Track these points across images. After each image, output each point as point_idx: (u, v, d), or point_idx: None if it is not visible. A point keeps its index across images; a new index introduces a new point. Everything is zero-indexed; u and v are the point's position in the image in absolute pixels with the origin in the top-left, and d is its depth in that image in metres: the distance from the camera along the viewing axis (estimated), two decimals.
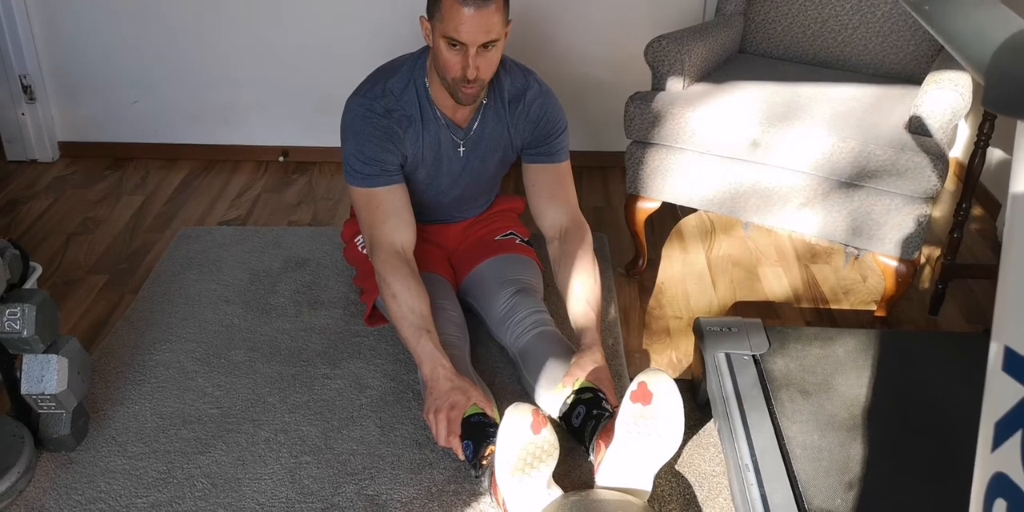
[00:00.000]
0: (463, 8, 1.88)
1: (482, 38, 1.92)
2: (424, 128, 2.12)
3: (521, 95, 2.18)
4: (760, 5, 2.75)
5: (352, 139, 2.10)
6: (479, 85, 2.01)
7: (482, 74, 1.99)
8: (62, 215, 2.98)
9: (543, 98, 2.21)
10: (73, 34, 3.19)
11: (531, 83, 2.20)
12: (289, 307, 2.47)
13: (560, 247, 2.22)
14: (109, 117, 3.34)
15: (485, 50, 1.95)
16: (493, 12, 1.91)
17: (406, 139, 2.11)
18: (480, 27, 1.90)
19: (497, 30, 1.94)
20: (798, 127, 2.25)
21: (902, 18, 2.56)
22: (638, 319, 2.47)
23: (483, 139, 2.21)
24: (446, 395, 1.91)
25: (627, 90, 2.55)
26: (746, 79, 2.52)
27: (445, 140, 2.17)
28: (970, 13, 1.03)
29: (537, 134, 2.22)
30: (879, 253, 2.30)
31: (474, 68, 1.95)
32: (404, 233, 2.12)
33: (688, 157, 2.42)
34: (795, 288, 2.61)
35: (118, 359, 2.25)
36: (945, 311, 2.50)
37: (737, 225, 2.91)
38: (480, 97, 2.09)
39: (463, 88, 2.00)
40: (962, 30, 1.02)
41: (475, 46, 1.93)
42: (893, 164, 2.15)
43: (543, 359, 2.07)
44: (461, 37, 1.91)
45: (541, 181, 2.26)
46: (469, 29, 1.90)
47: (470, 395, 1.91)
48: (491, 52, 1.97)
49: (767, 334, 2.06)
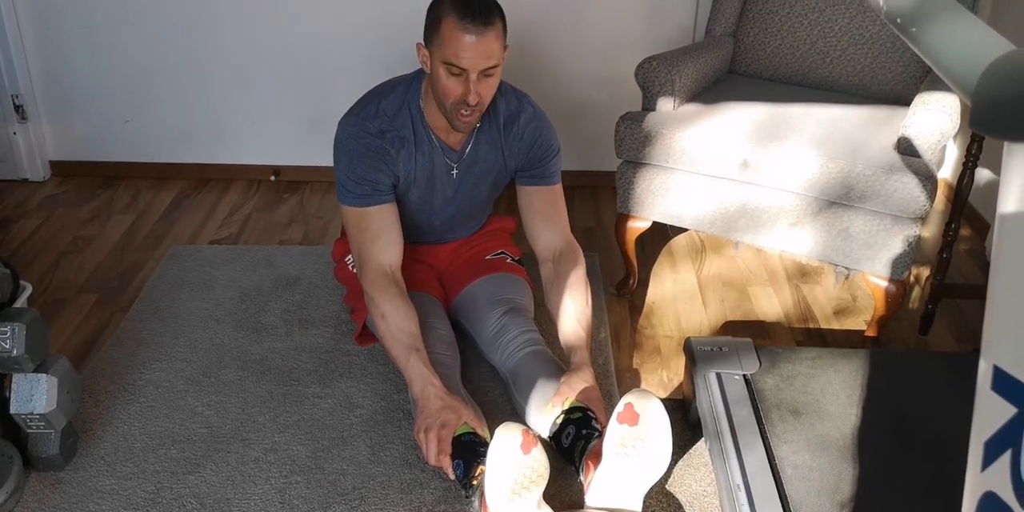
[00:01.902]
0: (464, 35, 1.88)
1: (483, 64, 1.93)
2: (417, 150, 2.13)
3: (515, 118, 2.19)
4: (749, 26, 2.77)
5: (345, 159, 2.11)
6: (478, 111, 2.01)
7: (483, 99, 1.99)
8: (52, 234, 2.97)
9: (537, 121, 2.22)
10: (65, 54, 3.20)
11: (525, 106, 2.21)
12: (280, 326, 2.46)
13: (553, 268, 2.23)
14: (101, 136, 3.34)
15: (485, 76, 1.96)
16: (493, 39, 1.92)
17: (399, 160, 2.12)
18: (481, 54, 1.91)
19: (497, 56, 1.95)
20: (788, 147, 2.27)
21: (890, 40, 2.58)
22: (629, 338, 2.48)
23: (476, 162, 2.21)
24: (437, 414, 1.91)
25: (618, 110, 2.56)
26: (736, 99, 2.54)
27: (439, 163, 2.17)
28: (957, 35, 1.04)
29: (531, 157, 2.23)
30: (869, 273, 2.31)
31: (475, 94, 1.95)
32: (392, 253, 2.12)
33: (678, 177, 2.43)
34: (786, 308, 2.62)
35: (108, 378, 2.25)
36: (935, 331, 2.51)
37: (727, 245, 2.92)
38: (475, 124, 2.11)
39: (461, 114, 2.01)
40: (949, 52, 1.04)
41: (476, 72, 1.93)
42: (882, 184, 2.16)
43: (533, 379, 2.07)
44: (462, 63, 1.92)
45: (535, 203, 2.27)
46: (470, 56, 1.91)
47: (460, 413, 1.91)
48: (492, 78, 1.98)
49: (758, 354, 2.06)
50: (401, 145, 2.11)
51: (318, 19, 3.12)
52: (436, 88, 2.00)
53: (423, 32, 1.99)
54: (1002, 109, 0.89)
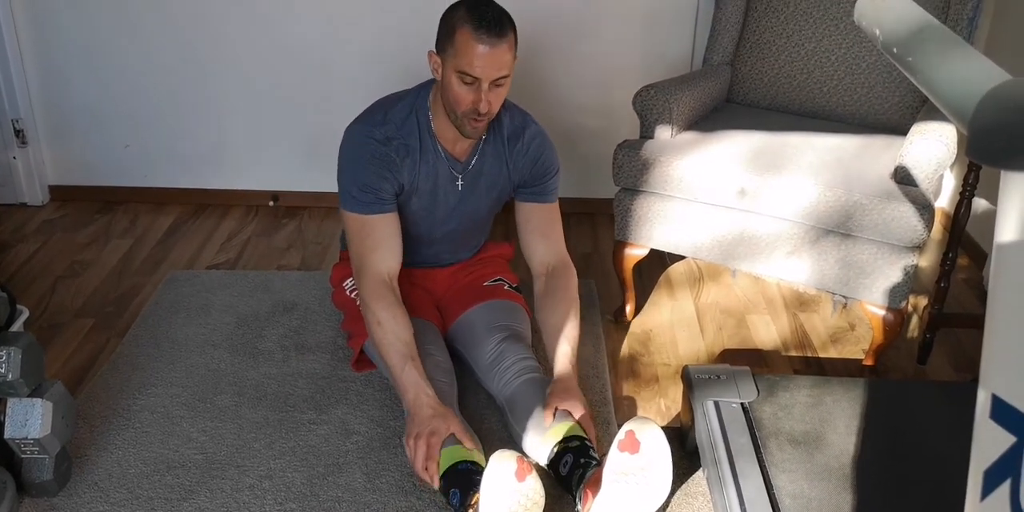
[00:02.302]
0: (478, 45, 1.93)
1: (495, 74, 1.97)
2: (422, 158, 2.15)
3: (520, 133, 2.23)
4: (747, 56, 2.79)
5: (350, 166, 2.13)
6: (488, 119, 2.06)
7: (493, 108, 2.04)
8: (50, 258, 2.97)
9: (540, 138, 2.27)
10: (66, 79, 3.21)
11: (529, 123, 2.26)
12: (276, 352, 2.46)
13: (547, 283, 2.27)
14: (100, 161, 3.35)
15: (496, 86, 2.01)
16: (506, 50, 1.97)
17: (403, 168, 2.14)
18: (494, 63, 1.96)
19: (509, 66, 2.00)
20: (785, 176, 2.27)
21: (887, 70, 2.60)
22: (626, 366, 2.47)
23: (482, 174, 2.24)
24: (427, 422, 1.94)
25: (616, 137, 2.57)
26: (733, 128, 2.55)
27: (443, 173, 2.19)
28: (953, 65, 1.05)
29: (534, 173, 2.27)
30: (867, 302, 2.31)
31: (487, 103, 2.00)
32: (392, 262, 2.15)
33: (676, 205, 2.44)
34: (783, 336, 2.61)
35: (103, 403, 2.23)
36: (933, 360, 2.50)
37: (725, 272, 2.92)
38: (484, 132, 2.15)
39: (472, 122, 2.05)
40: (946, 82, 1.04)
41: (488, 81, 1.98)
42: (879, 213, 2.17)
43: (530, 407, 2.06)
44: (475, 72, 1.96)
45: (534, 220, 2.31)
46: (483, 64, 1.95)
47: (450, 423, 1.94)
48: (502, 88, 2.03)
49: (756, 382, 2.05)
50: (406, 153, 2.13)
51: (317, 47, 3.14)
52: (447, 96, 2.04)
53: (436, 40, 2.04)
54: (999, 138, 0.90)
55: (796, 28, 2.69)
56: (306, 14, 3.10)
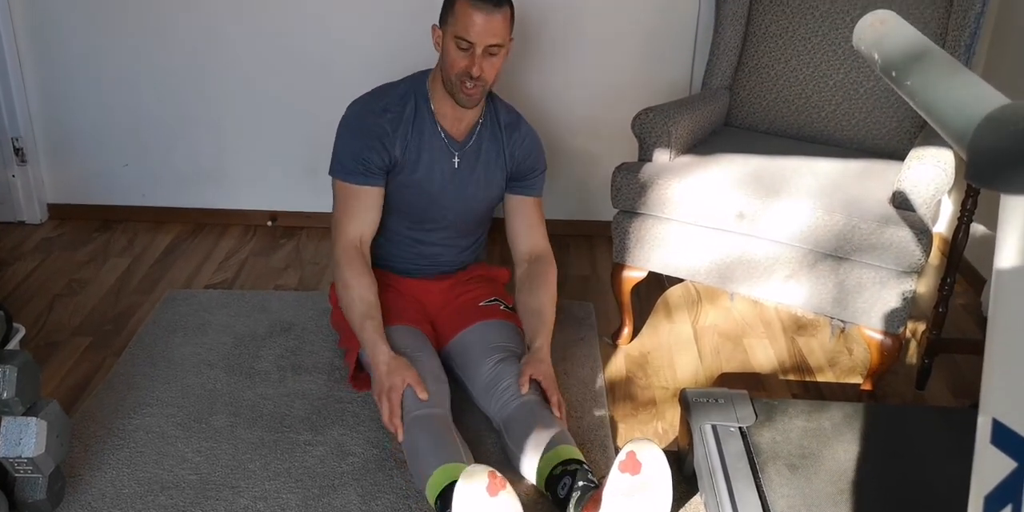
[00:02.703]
0: (475, 12, 2.12)
1: (489, 40, 2.15)
2: (416, 129, 2.28)
3: (516, 126, 2.41)
4: (745, 80, 2.80)
5: (344, 135, 2.30)
6: (481, 87, 2.21)
7: (485, 75, 2.19)
8: (48, 277, 2.97)
9: (533, 136, 2.46)
10: (66, 98, 3.22)
11: (522, 121, 2.45)
12: (273, 372, 2.45)
13: (528, 269, 2.45)
14: (99, 180, 3.35)
15: (489, 54, 2.17)
16: (500, 20, 2.15)
17: (396, 138, 2.26)
18: (488, 29, 2.14)
19: (502, 36, 2.17)
20: (783, 200, 2.28)
21: (885, 94, 2.61)
22: (624, 388, 2.46)
23: (479, 155, 2.37)
24: (385, 379, 2.10)
25: (614, 160, 2.58)
26: (732, 152, 2.56)
27: (439, 147, 2.31)
28: (952, 89, 1.05)
29: (525, 166, 2.43)
30: (865, 326, 2.31)
31: (479, 67, 2.16)
32: (367, 230, 2.31)
33: (674, 227, 2.44)
34: (781, 360, 2.61)
35: (98, 423, 2.22)
36: (932, 385, 2.50)
37: (723, 295, 2.92)
38: (477, 103, 2.27)
39: (465, 87, 2.20)
40: (945, 105, 1.05)
41: (482, 47, 2.15)
42: (878, 238, 2.17)
43: (528, 429, 2.05)
44: (471, 37, 2.14)
45: (522, 211, 2.46)
46: (479, 31, 2.13)
47: (405, 376, 2.09)
48: (496, 58, 2.20)
49: (754, 406, 2.05)
50: (400, 123, 2.27)
51: (318, 67, 3.16)
52: (445, 63, 2.21)
53: (439, 16, 2.23)
54: (998, 161, 0.90)
55: (794, 53, 2.70)
56: (308, 34, 3.12)
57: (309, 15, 3.09)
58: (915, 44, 1.20)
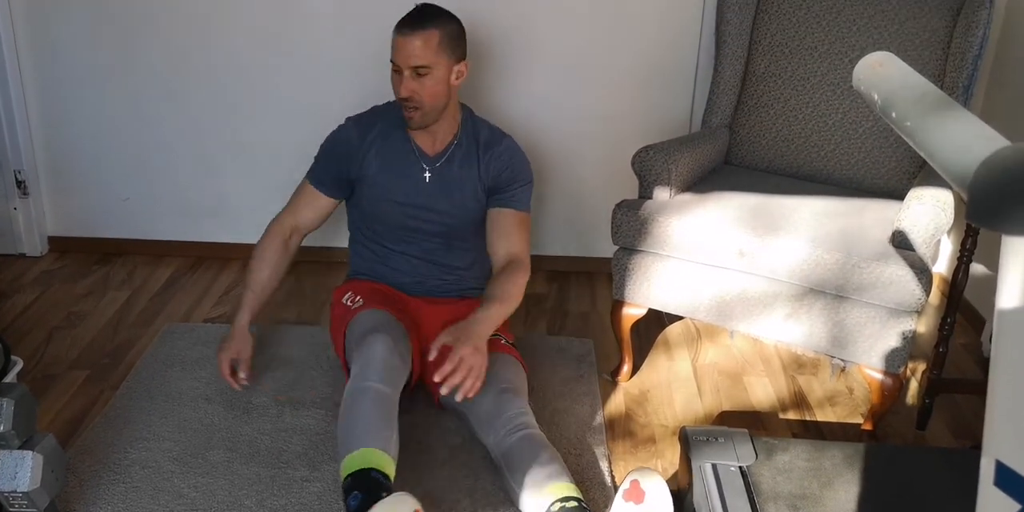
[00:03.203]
0: (398, 36, 2.27)
1: (411, 61, 2.26)
2: (387, 142, 2.44)
3: (496, 143, 2.48)
4: (745, 118, 2.82)
5: (325, 142, 2.52)
6: (419, 109, 2.32)
7: (416, 96, 2.29)
8: (47, 309, 2.97)
9: (513, 150, 2.50)
10: (69, 131, 3.24)
11: (507, 141, 2.51)
12: (270, 407, 2.44)
13: (502, 269, 2.41)
14: (100, 213, 3.36)
15: (419, 76, 2.27)
16: (422, 42, 2.24)
17: (364, 149, 2.44)
18: (409, 51, 2.25)
19: (426, 58, 2.26)
20: (783, 238, 2.28)
21: (884, 134, 2.63)
22: (623, 426, 2.45)
23: (451, 172, 2.45)
24: (224, 344, 2.44)
25: (614, 197, 2.59)
26: (732, 190, 2.57)
27: (410, 158, 2.44)
28: (952, 130, 1.06)
29: (504, 178, 2.46)
30: (865, 365, 2.30)
31: (406, 88, 2.28)
32: (299, 224, 2.54)
33: (674, 265, 2.44)
34: (781, 398, 2.60)
35: (94, 457, 2.21)
36: (932, 426, 2.48)
37: (723, 333, 2.92)
38: (421, 125, 2.37)
39: (406, 110, 2.33)
40: (945, 146, 1.06)
41: (407, 69, 2.27)
42: (878, 277, 2.17)
43: (527, 464, 2.04)
44: (396, 59, 2.29)
45: (501, 222, 2.47)
46: (399, 53, 2.27)
47: (237, 350, 2.42)
48: (426, 79, 2.28)
49: (754, 445, 2.04)
50: (369, 135, 2.44)
51: (318, 102, 3.18)
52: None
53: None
54: (999, 202, 0.91)
55: (794, 92, 2.73)
56: (307, 71, 3.15)
57: (315, 52, 3.12)
58: (914, 85, 1.21)
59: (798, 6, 2.73)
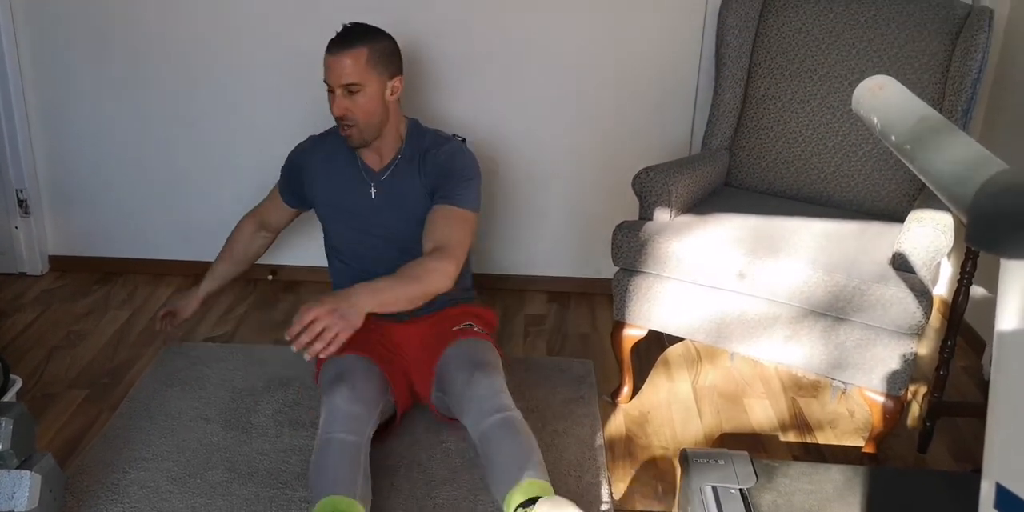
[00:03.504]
0: (328, 57, 2.31)
1: (341, 80, 2.30)
2: (333, 161, 2.50)
3: (436, 147, 2.45)
4: (745, 141, 2.83)
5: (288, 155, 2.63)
6: (355, 127, 2.35)
7: (350, 114, 2.33)
8: (47, 328, 2.96)
9: (452, 150, 2.46)
10: (71, 152, 3.26)
11: (449, 143, 2.47)
12: (270, 427, 2.43)
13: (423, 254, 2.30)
14: (101, 232, 3.37)
15: (351, 94, 2.31)
16: (350, 59, 2.28)
17: (311, 168, 2.54)
18: (338, 70, 2.29)
19: (356, 75, 2.29)
20: (783, 260, 2.29)
21: (884, 157, 2.64)
22: (623, 448, 2.44)
23: (396, 185, 2.45)
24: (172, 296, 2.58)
25: (615, 218, 2.59)
26: (732, 211, 2.58)
27: (355, 175, 2.48)
28: (951, 154, 1.07)
29: (442, 175, 2.41)
30: (866, 388, 2.30)
31: (339, 107, 2.32)
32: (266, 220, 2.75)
33: (674, 286, 2.44)
34: (782, 420, 2.59)
35: (92, 477, 2.20)
36: (933, 449, 2.48)
37: (723, 354, 2.91)
38: (361, 144, 2.40)
39: (343, 129, 2.37)
40: (944, 170, 1.06)
41: (337, 88, 2.31)
42: (878, 299, 2.17)
43: (500, 453, 2.07)
44: (328, 79, 2.32)
45: (433, 217, 2.37)
46: (330, 73, 2.31)
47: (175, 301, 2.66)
48: (358, 97, 2.31)
49: (754, 467, 2.03)
50: (317, 154, 2.54)
51: (324, 122, 3.19)
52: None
53: None
54: (998, 226, 0.91)
55: (793, 115, 2.74)
56: (304, 91, 3.16)
57: (313, 78, 3.13)
58: (914, 109, 1.22)
59: (798, 29, 2.75)
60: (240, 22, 3.09)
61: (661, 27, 3.05)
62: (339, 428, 2.11)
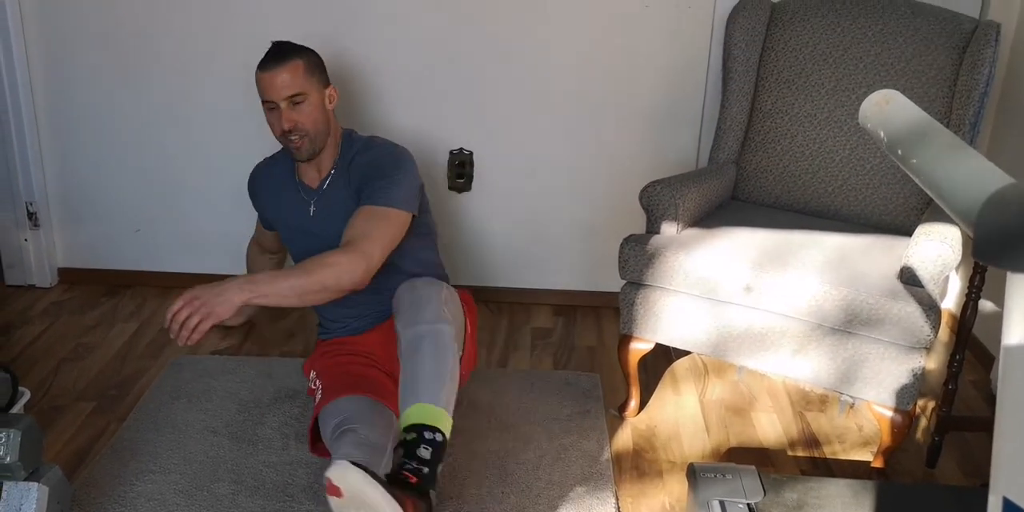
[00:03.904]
0: (263, 75, 2.35)
1: (284, 92, 2.33)
2: (274, 183, 2.59)
3: (362, 153, 2.47)
4: (752, 154, 2.84)
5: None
6: (305, 137, 2.38)
7: (301, 125, 2.36)
8: (55, 340, 2.97)
9: (379, 152, 2.47)
10: (81, 165, 3.28)
11: (381, 147, 2.49)
12: (276, 439, 2.43)
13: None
14: (109, 245, 3.38)
15: (296, 105, 2.35)
16: (288, 72, 2.33)
17: (260, 193, 2.65)
18: (278, 84, 2.33)
19: (297, 86, 2.34)
20: (790, 273, 2.28)
21: (891, 170, 2.64)
22: (630, 461, 2.44)
23: (332, 199, 2.47)
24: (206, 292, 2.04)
25: (622, 231, 2.59)
26: (739, 225, 2.58)
27: (296, 198, 2.53)
28: (957, 168, 1.07)
29: (363, 180, 2.40)
30: (874, 402, 2.29)
31: (287, 120, 2.34)
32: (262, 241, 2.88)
33: (681, 299, 2.44)
34: (789, 435, 2.58)
35: (99, 489, 2.20)
36: (942, 464, 2.46)
37: (730, 368, 2.91)
38: (311, 154, 2.42)
39: (291, 142, 2.39)
40: (950, 184, 1.06)
41: (282, 101, 2.34)
42: (886, 313, 2.17)
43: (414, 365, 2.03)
44: (268, 96, 2.35)
45: (354, 217, 2.32)
46: (270, 88, 2.34)
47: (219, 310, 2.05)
48: (304, 106, 2.36)
49: (762, 482, 2.02)
50: (261, 179, 2.64)
51: None
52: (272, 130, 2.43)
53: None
54: (1004, 240, 0.91)
55: (800, 129, 2.74)
56: None
57: None
58: (920, 123, 1.22)
59: (805, 43, 2.75)
60: (248, 41, 3.10)
61: (668, 41, 3.06)
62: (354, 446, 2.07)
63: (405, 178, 2.39)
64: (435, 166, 3.18)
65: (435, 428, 1.94)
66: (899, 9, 2.69)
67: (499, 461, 2.37)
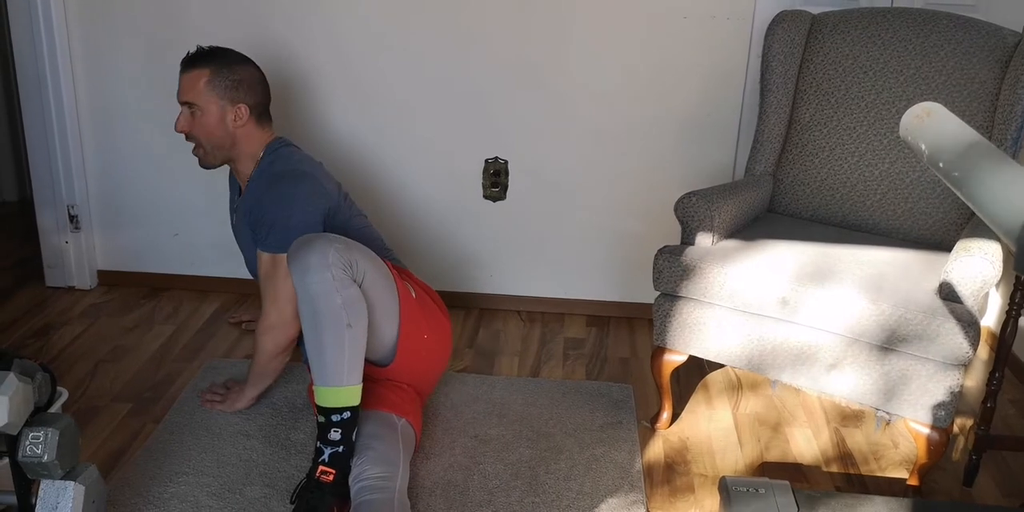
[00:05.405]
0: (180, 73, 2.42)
1: (182, 96, 2.43)
2: (233, 181, 2.66)
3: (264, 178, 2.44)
4: (789, 167, 2.82)
5: None
6: (199, 147, 2.47)
7: (192, 133, 2.45)
8: (93, 342, 3.01)
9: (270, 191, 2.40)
10: (121, 169, 3.32)
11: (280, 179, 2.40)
12: (309, 443, 2.44)
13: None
14: (149, 248, 3.42)
15: (190, 112, 2.43)
16: (190, 79, 2.41)
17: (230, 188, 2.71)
18: (180, 86, 2.43)
19: (191, 95, 2.41)
20: (828, 288, 2.27)
21: (931, 185, 2.61)
22: (662, 474, 2.42)
23: (242, 215, 2.53)
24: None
25: (657, 242, 2.59)
26: (775, 238, 2.56)
27: (234, 198, 2.65)
28: (1001, 182, 1.06)
29: (255, 220, 2.43)
30: (911, 419, 2.26)
31: (179, 124, 2.44)
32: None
33: (717, 312, 2.43)
34: (824, 451, 2.56)
35: (133, 490, 2.22)
36: (980, 482, 2.43)
37: (765, 382, 2.88)
38: (209, 164, 2.51)
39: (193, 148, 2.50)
40: (993, 198, 1.05)
41: (182, 105, 2.43)
42: (924, 329, 2.14)
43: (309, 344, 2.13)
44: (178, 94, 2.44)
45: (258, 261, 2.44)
46: (179, 88, 2.44)
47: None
48: (196, 116, 2.43)
49: (795, 498, 2.00)
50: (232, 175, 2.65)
51: (360, 149, 3.23)
52: None
53: None
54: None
55: (839, 141, 2.72)
56: (347, 116, 3.20)
57: (349, 104, 3.17)
58: (962, 136, 1.21)
59: (844, 55, 2.74)
60: (285, 50, 3.14)
61: (706, 52, 3.05)
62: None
63: (293, 217, 2.37)
64: (470, 175, 3.19)
65: (340, 409, 2.04)
66: (941, 22, 2.67)
67: (530, 470, 2.36)
